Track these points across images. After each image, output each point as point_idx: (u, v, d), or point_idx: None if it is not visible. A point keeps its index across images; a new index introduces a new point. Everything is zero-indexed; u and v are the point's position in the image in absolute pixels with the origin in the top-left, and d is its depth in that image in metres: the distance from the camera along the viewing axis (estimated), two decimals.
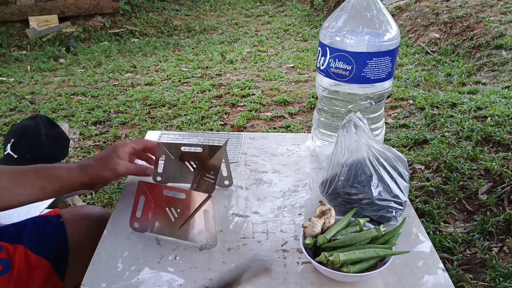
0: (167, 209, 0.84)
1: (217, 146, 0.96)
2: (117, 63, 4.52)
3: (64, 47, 5.07)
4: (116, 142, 0.98)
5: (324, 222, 0.80)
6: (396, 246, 0.79)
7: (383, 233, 0.79)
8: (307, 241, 0.77)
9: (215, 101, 3.37)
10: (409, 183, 0.92)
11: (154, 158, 0.98)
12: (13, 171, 0.88)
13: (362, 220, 0.82)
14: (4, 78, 4.17)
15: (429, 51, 4.05)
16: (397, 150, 0.93)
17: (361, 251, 0.74)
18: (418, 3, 4.87)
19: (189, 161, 0.99)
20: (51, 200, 1.25)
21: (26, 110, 3.34)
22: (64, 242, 0.98)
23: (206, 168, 0.97)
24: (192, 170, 1.00)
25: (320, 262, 0.73)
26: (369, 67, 1.00)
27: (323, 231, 0.79)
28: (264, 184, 1.04)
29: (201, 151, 0.97)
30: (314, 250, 0.78)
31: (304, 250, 0.76)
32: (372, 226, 0.82)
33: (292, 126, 2.82)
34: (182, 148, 0.98)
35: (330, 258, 0.72)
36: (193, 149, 0.98)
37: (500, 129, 2.29)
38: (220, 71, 4.07)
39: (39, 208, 1.21)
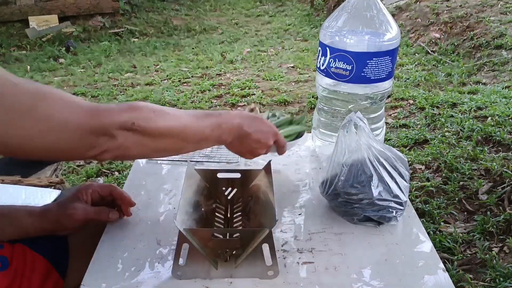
0: (219, 251, 0.76)
1: (258, 170, 0.90)
2: (117, 63, 4.52)
3: (64, 47, 5.07)
4: (82, 183, 0.93)
5: None
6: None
7: (296, 119, 1.10)
8: None
9: (215, 101, 3.37)
10: (409, 183, 0.92)
11: (120, 202, 0.91)
12: None
13: (277, 113, 1.13)
14: None
15: (429, 51, 4.05)
16: (397, 150, 0.93)
17: (282, 130, 1.03)
18: (418, 3, 4.86)
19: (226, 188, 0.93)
20: (52, 198, 1.25)
21: None
22: (63, 240, 0.98)
23: (251, 195, 0.90)
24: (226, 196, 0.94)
25: None
26: (369, 67, 1.00)
27: None
28: None
29: (240, 176, 0.92)
30: None
31: None
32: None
33: None
34: (219, 175, 0.92)
35: None
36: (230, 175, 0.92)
37: (500, 129, 2.29)
38: (220, 71, 4.07)
39: (46, 200, 1.21)
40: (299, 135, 1.07)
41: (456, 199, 1.89)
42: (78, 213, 0.85)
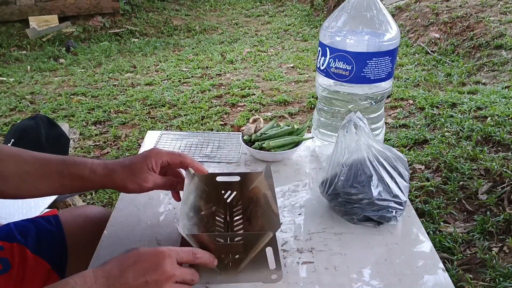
0: (223, 256, 0.74)
1: (257, 173, 0.89)
2: (117, 63, 4.52)
3: (64, 47, 5.07)
4: (151, 150, 0.86)
5: (256, 126, 1.19)
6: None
7: (296, 128, 1.18)
8: (245, 138, 1.15)
9: (215, 101, 3.37)
10: (409, 183, 0.92)
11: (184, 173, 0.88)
12: (37, 161, 0.83)
13: (281, 125, 1.21)
14: (4, 78, 4.16)
15: (429, 51, 4.05)
16: (397, 150, 0.93)
17: (283, 139, 1.13)
18: (418, 3, 4.87)
19: (225, 191, 0.92)
20: (52, 199, 1.25)
21: (26, 110, 3.34)
22: (63, 242, 0.98)
23: (251, 198, 0.89)
24: (226, 200, 0.92)
25: (255, 148, 1.11)
26: (369, 67, 1.01)
27: (255, 131, 1.18)
28: None
29: (239, 179, 0.90)
30: (251, 144, 1.13)
31: (244, 145, 1.13)
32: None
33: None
34: (218, 178, 0.90)
35: (264, 145, 1.10)
36: (230, 178, 0.90)
37: (500, 129, 2.29)
38: (220, 71, 4.07)
39: (40, 207, 1.22)
40: (297, 144, 1.13)
41: (456, 199, 1.89)
42: (147, 184, 0.82)
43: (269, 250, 0.74)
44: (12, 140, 1.48)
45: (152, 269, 0.63)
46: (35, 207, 1.21)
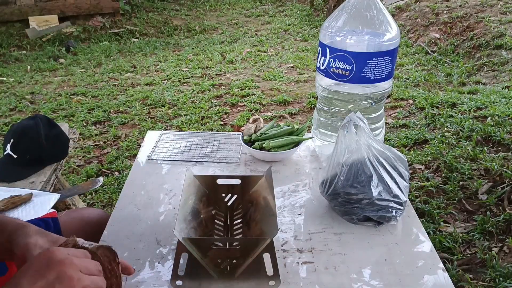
0: (219, 260, 0.74)
1: (259, 176, 0.87)
2: (117, 63, 4.51)
3: (64, 47, 5.07)
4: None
5: (256, 126, 1.20)
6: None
7: (296, 128, 1.18)
8: (245, 138, 1.16)
9: (215, 101, 3.37)
10: (409, 183, 0.92)
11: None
12: None
13: (282, 124, 1.22)
14: (4, 78, 4.16)
15: (429, 51, 4.04)
16: (397, 150, 0.93)
17: (283, 139, 1.13)
18: (418, 3, 4.86)
19: (226, 194, 0.91)
20: (56, 199, 1.24)
21: (26, 110, 3.34)
22: None
23: (251, 202, 0.88)
24: (226, 203, 0.92)
25: (255, 148, 1.12)
26: (369, 67, 1.00)
27: (255, 131, 1.19)
28: None
29: (239, 182, 0.89)
30: (251, 145, 1.14)
31: (244, 145, 1.13)
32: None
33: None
34: (218, 181, 0.89)
35: (264, 145, 1.11)
36: (230, 181, 0.89)
37: (500, 129, 2.29)
38: (220, 71, 4.07)
39: (46, 207, 1.21)
40: (297, 144, 1.13)
41: (456, 199, 1.89)
42: None
43: (266, 256, 0.73)
44: (12, 140, 1.47)
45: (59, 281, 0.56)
46: (41, 206, 1.21)
